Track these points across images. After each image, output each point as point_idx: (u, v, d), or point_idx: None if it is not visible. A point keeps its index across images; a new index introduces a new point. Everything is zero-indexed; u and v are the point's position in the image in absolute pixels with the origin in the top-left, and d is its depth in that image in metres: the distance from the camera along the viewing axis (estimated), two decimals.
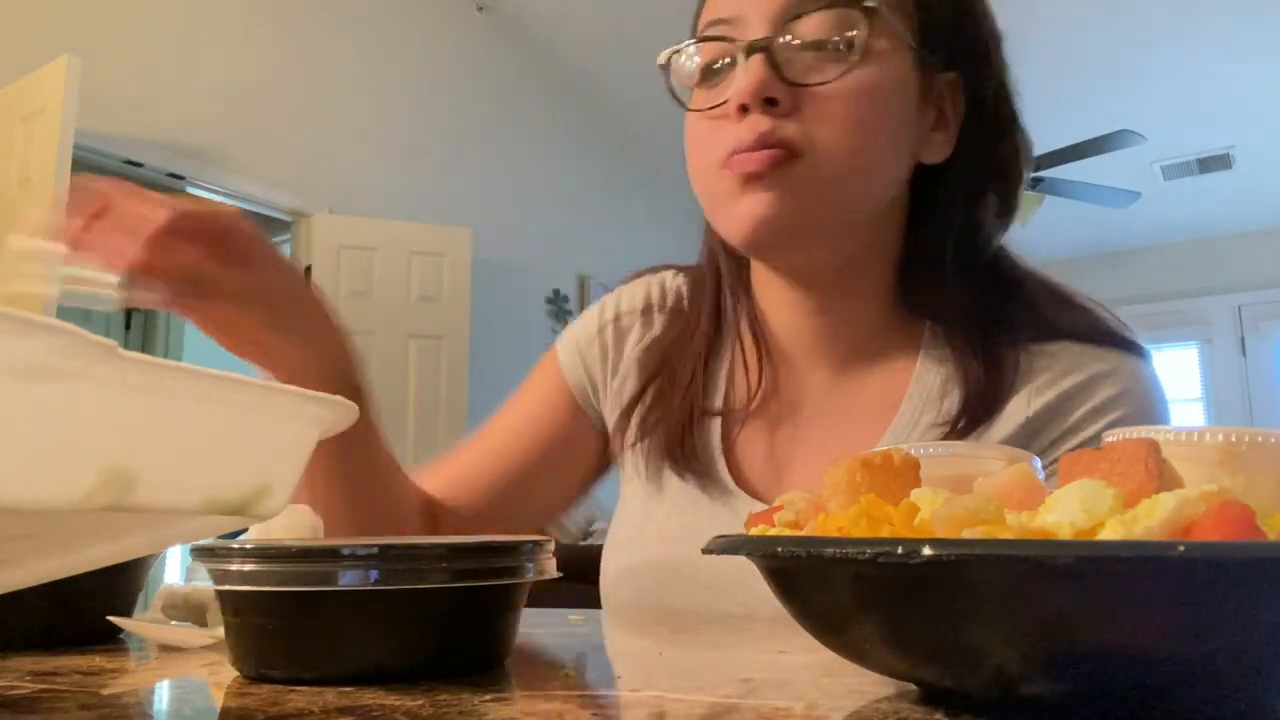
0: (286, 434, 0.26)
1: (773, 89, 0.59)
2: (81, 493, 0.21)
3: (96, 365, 0.20)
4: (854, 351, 0.69)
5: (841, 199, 0.61)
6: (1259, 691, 0.25)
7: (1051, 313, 0.66)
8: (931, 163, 0.65)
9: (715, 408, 0.72)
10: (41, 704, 0.33)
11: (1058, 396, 0.63)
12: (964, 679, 0.28)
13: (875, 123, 0.61)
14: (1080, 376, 0.63)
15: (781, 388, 0.71)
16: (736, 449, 0.71)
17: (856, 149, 0.60)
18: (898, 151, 0.63)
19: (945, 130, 0.66)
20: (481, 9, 4.65)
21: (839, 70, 0.59)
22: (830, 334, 0.69)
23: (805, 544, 0.28)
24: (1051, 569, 0.23)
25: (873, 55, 0.60)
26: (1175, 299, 6.23)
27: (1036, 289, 0.68)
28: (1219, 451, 0.28)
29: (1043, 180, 4.34)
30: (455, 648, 0.38)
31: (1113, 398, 0.63)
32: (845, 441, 0.67)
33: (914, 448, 0.35)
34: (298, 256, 3.90)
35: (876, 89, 0.60)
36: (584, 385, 0.77)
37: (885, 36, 0.61)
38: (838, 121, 0.60)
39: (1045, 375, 0.64)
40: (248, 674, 0.37)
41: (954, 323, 0.66)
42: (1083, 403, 0.63)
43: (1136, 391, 0.63)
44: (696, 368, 0.73)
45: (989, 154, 0.67)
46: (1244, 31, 4.20)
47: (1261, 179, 5.41)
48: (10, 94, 2.96)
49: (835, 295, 0.68)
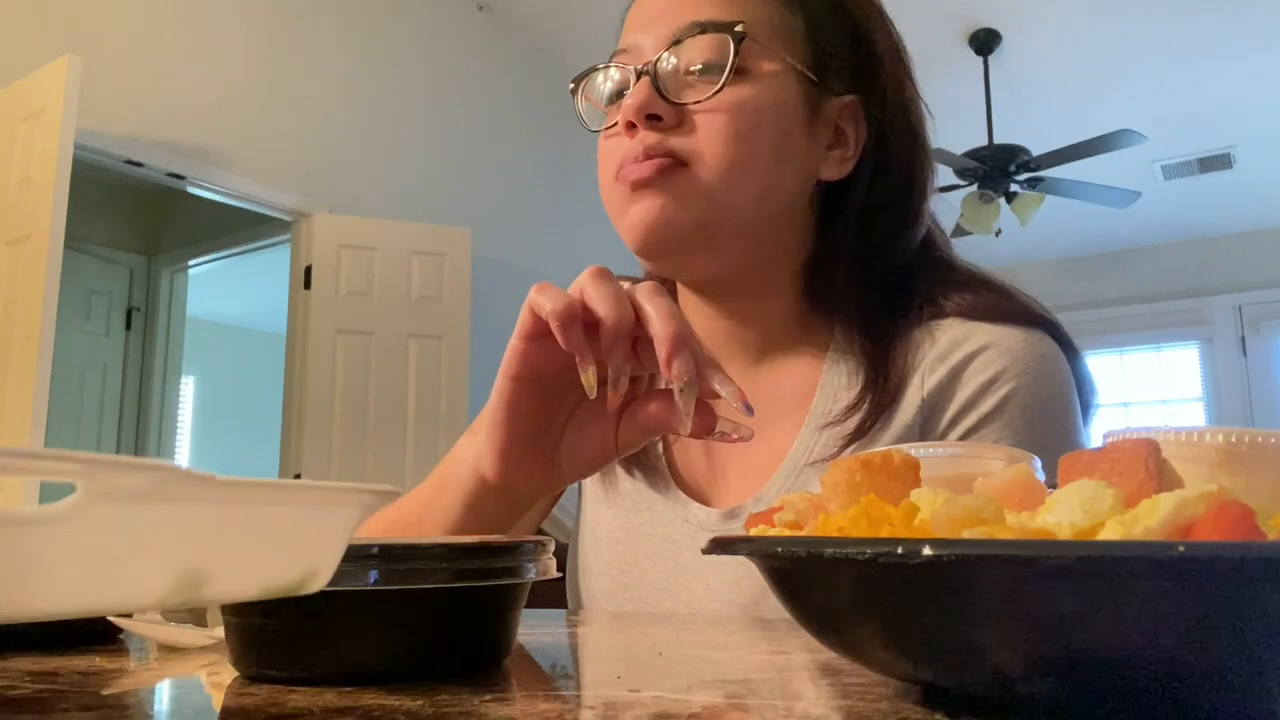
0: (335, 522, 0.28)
1: (655, 106, 0.64)
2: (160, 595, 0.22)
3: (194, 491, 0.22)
4: (765, 350, 0.72)
5: (725, 204, 0.65)
6: (1259, 692, 0.25)
7: (945, 297, 0.69)
8: (831, 179, 0.69)
9: None
10: (41, 704, 0.33)
11: (947, 373, 0.65)
12: (964, 679, 0.28)
13: (754, 136, 0.65)
14: (965, 351, 0.65)
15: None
16: (675, 449, 0.75)
17: (737, 158, 0.64)
18: (783, 166, 0.66)
19: (844, 149, 0.70)
20: (481, 9, 4.65)
21: (714, 88, 0.64)
22: (740, 336, 0.73)
23: (805, 544, 0.28)
24: (1051, 569, 0.23)
25: (750, 76, 0.65)
26: (1175, 299, 6.24)
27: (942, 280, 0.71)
28: (1219, 451, 0.28)
29: (1043, 180, 4.34)
30: (455, 648, 0.38)
31: (1001, 371, 0.64)
32: (765, 436, 0.69)
33: (914, 448, 0.35)
34: (298, 256, 3.91)
35: (752, 107, 0.65)
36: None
37: (767, 60, 0.66)
38: (717, 133, 0.64)
39: (933, 354, 0.66)
40: (248, 674, 0.37)
41: (856, 321, 0.69)
42: (971, 377, 0.65)
43: (1025, 363, 0.64)
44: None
45: (888, 172, 0.70)
46: (1244, 31, 4.20)
47: (1261, 179, 5.41)
48: (10, 94, 2.96)
49: (740, 301, 0.72)
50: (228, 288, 6.12)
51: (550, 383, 0.53)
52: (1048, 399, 0.64)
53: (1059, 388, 0.65)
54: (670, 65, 0.66)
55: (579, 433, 0.54)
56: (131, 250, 5.21)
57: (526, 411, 0.53)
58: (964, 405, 0.64)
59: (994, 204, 4.23)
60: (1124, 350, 6.41)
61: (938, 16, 4.24)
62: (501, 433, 0.54)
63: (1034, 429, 0.63)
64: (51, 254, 2.76)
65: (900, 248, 0.71)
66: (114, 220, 5.05)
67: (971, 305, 0.68)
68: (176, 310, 5.26)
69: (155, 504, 0.21)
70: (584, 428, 0.54)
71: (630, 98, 0.65)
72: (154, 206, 5.15)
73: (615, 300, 0.48)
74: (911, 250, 0.72)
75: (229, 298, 6.42)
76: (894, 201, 0.70)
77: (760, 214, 0.67)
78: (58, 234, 2.78)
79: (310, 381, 3.76)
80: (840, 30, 0.70)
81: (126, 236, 5.19)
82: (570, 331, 0.48)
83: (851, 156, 0.70)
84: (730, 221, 0.65)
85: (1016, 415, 0.63)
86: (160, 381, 5.11)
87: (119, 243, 5.14)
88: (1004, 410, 0.63)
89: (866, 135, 0.70)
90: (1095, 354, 6.37)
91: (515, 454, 0.54)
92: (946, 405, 0.65)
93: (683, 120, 0.65)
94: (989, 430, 0.63)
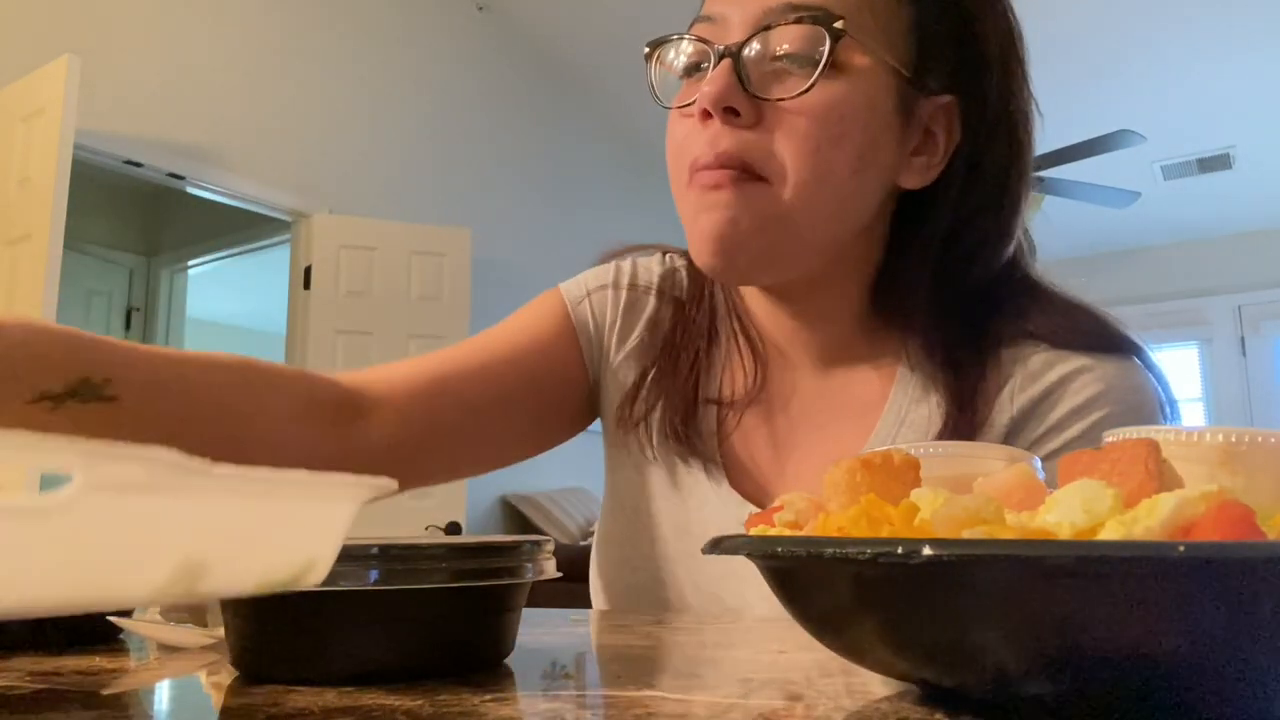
0: (332, 515, 0.28)
1: (734, 99, 0.58)
2: (157, 586, 0.22)
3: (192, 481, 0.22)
4: (833, 355, 0.69)
5: (797, 225, 0.60)
6: (1259, 692, 0.25)
7: (1034, 323, 0.65)
8: (912, 188, 0.63)
9: (713, 396, 0.71)
10: (41, 704, 0.33)
11: (1040, 393, 0.62)
12: (964, 679, 0.28)
13: (838, 145, 0.59)
14: (1060, 372, 0.62)
15: (773, 382, 0.70)
16: (733, 441, 0.70)
17: (817, 171, 0.59)
18: (865, 177, 0.61)
19: (931, 155, 0.63)
20: (481, 9, 4.65)
21: (802, 86, 0.58)
22: (806, 337, 0.69)
23: (805, 544, 0.28)
24: (1051, 569, 0.23)
25: (843, 73, 0.59)
26: (1175, 299, 6.23)
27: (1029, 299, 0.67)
28: (1219, 451, 0.28)
29: (1043, 180, 4.34)
30: (455, 648, 0.38)
31: (1096, 396, 0.61)
32: (834, 439, 0.67)
33: (914, 448, 0.35)
34: (297, 256, 3.90)
35: (839, 110, 0.59)
36: (589, 333, 0.74)
37: (863, 54, 0.60)
38: (798, 140, 0.58)
39: (1023, 375, 0.63)
40: (248, 674, 0.37)
41: (934, 341, 0.65)
42: (1065, 400, 0.62)
43: (1120, 391, 0.62)
44: (700, 353, 0.72)
45: (979, 182, 0.64)
46: (1244, 31, 4.20)
47: (1261, 179, 5.41)
48: (10, 94, 2.96)
49: (807, 304, 0.67)
50: (228, 288, 6.12)
51: None
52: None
53: (1148, 419, 0.63)
54: (756, 51, 0.59)
55: None
56: (131, 250, 5.21)
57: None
58: (1053, 426, 0.62)
59: None
60: None
61: None
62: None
63: None
64: (51, 254, 2.76)
65: (984, 266, 0.65)
66: (114, 220, 5.05)
67: (1065, 332, 0.64)
68: (176, 310, 5.25)
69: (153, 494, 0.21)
70: None
71: (709, 84, 0.59)
72: (154, 206, 5.15)
73: None
74: (996, 269, 0.66)
75: (229, 298, 6.42)
76: (982, 215, 0.64)
77: (833, 229, 0.62)
78: (57, 234, 2.78)
79: None
80: (951, 22, 0.62)
81: (126, 236, 5.19)
82: None
83: (938, 164, 0.63)
84: (800, 238, 0.61)
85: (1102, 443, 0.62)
86: None
87: (119, 243, 5.13)
88: (1090, 437, 0.60)
89: (960, 140, 0.63)
90: None
91: None
92: (1035, 426, 0.62)
93: (762, 116, 0.59)
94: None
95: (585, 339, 0.75)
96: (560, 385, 0.74)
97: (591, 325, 0.75)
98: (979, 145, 0.63)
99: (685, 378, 0.71)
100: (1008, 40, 0.65)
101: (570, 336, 0.74)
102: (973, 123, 0.63)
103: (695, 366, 0.71)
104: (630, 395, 0.72)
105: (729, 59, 0.59)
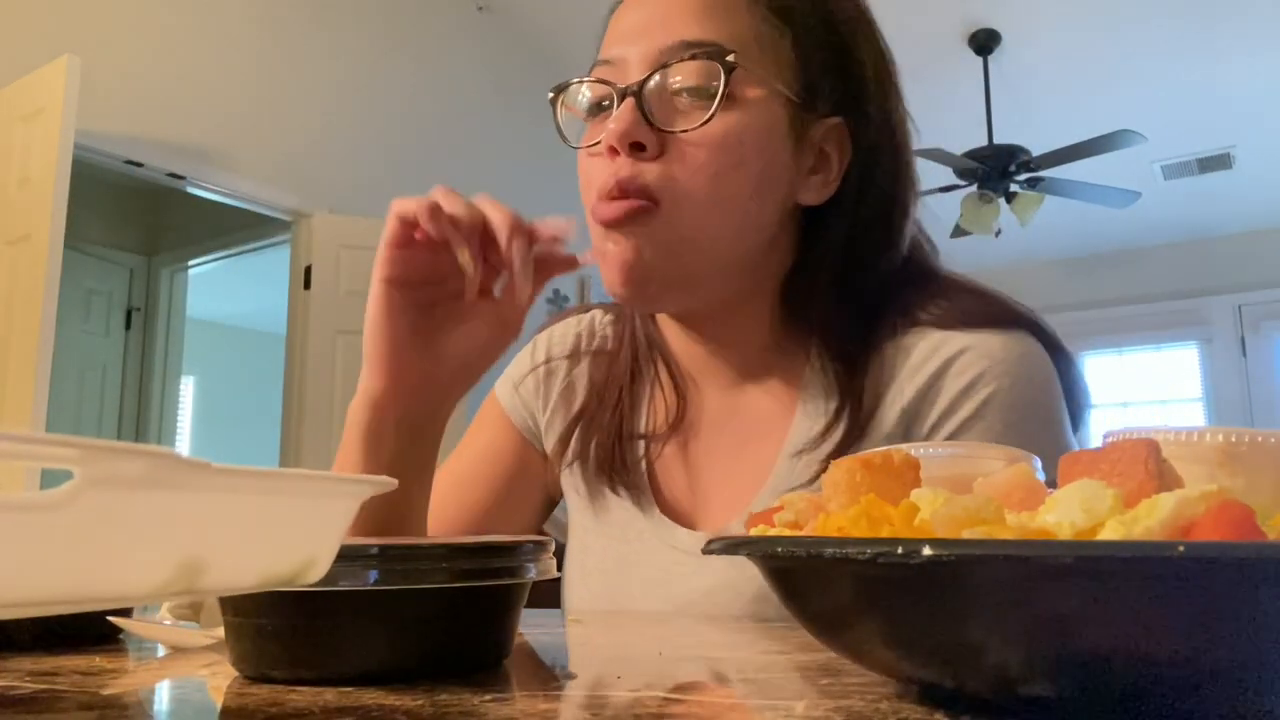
0: (332, 511, 0.28)
1: (639, 134, 0.62)
2: (158, 584, 0.23)
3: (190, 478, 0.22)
4: (744, 373, 0.72)
5: (701, 245, 0.63)
6: (1259, 692, 0.25)
7: (920, 308, 0.68)
8: (810, 204, 0.67)
9: (639, 431, 0.75)
10: (41, 704, 0.33)
11: (926, 380, 0.65)
12: (964, 679, 0.28)
13: (738, 170, 0.63)
14: (943, 356, 0.65)
15: (690, 409, 0.74)
16: (658, 470, 0.74)
17: (716, 199, 0.63)
18: (764, 198, 0.65)
19: (826, 172, 0.67)
20: (481, 9, 4.65)
21: (702, 118, 0.62)
22: (719, 358, 0.72)
23: (805, 544, 0.28)
24: (1051, 569, 0.23)
25: (738, 103, 0.63)
26: (1175, 299, 6.23)
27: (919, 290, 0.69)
28: (1219, 451, 0.28)
29: (1043, 180, 4.34)
30: (455, 648, 0.38)
31: (981, 374, 0.63)
32: (746, 457, 0.70)
33: (914, 448, 0.35)
34: (298, 256, 3.90)
35: (738, 138, 0.63)
36: (526, 421, 0.80)
37: (755, 85, 0.64)
38: (699, 169, 0.62)
39: (910, 363, 0.66)
40: (248, 674, 0.37)
41: (834, 336, 0.68)
42: (951, 382, 0.64)
43: (1004, 364, 0.63)
44: (623, 390, 0.76)
45: (871, 194, 0.68)
46: (1244, 31, 4.20)
47: (1261, 179, 5.41)
48: (10, 94, 2.96)
49: (720, 327, 0.71)
50: (228, 288, 6.12)
51: (418, 292, 0.59)
52: (1029, 400, 0.64)
53: (1041, 388, 0.64)
54: (656, 88, 0.63)
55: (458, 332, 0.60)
56: (131, 250, 5.21)
57: (401, 311, 0.59)
58: (945, 410, 0.64)
59: (994, 204, 4.23)
60: (1124, 350, 6.40)
61: (938, 16, 4.24)
62: (381, 337, 0.59)
63: (1016, 430, 0.62)
64: (51, 254, 2.76)
65: (880, 267, 0.69)
66: (114, 220, 5.05)
67: (947, 313, 0.66)
68: (176, 310, 5.25)
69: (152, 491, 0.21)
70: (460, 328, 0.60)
71: (615, 122, 0.63)
72: (154, 206, 5.15)
73: (465, 204, 0.57)
74: (893, 268, 0.70)
75: (229, 298, 6.42)
76: (876, 223, 0.68)
77: (738, 249, 0.65)
78: (57, 234, 2.78)
79: (310, 381, 3.76)
80: (828, 49, 0.67)
81: (126, 236, 5.19)
82: (437, 221, 0.55)
83: (834, 180, 0.67)
84: (707, 261, 0.64)
85: (998, 418, 0.63)
86: (160, 382, 5.11)
87: (119, 243, 5.13)
88: (984, 414, 0.63)
89: (851, 157, 0.67)
90: (1095, 354, 6.36)
91: (400, 355, 0.59)
92: (928, 412, 0.64)
93: (666, 148, 0.63)
94: (971, 434, 0.63)
95: (529, 432, 0.80)
96: (534, 480, 0.80)
97: (529, 415, 0.80)
98: (868, 160, 0.68)
99: (611, 416, 0.76)
100: (881, 63, 0.70)
101: (520, 439, 0.80)
102: (860, 140, 0.68)
103: (619, 405, 0.76)
104: (562, 440, 0.78)
105: (632, 97, 0.63)
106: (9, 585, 0.20)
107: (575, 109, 0.70)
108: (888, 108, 0.69)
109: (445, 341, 0.60)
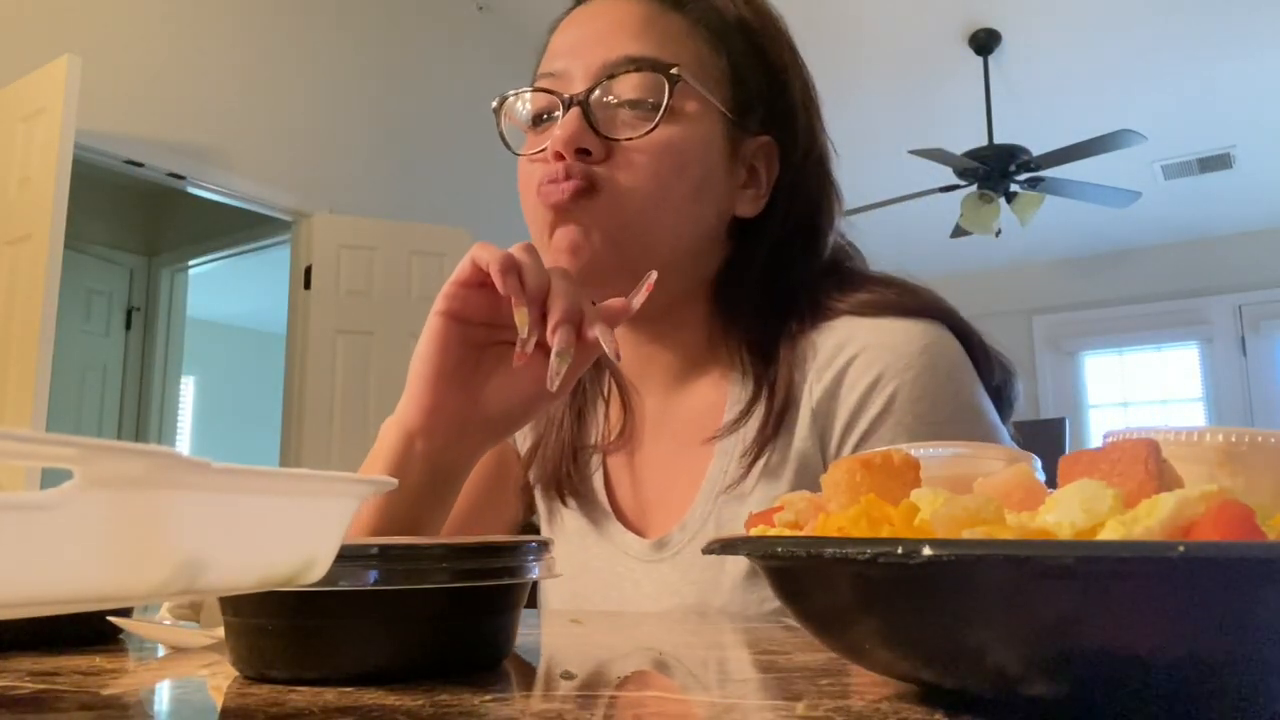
0: (332, 511, 0.28)
1: (585, 140, 0.65)
2: (157, 583, 0.23)
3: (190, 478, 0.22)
4: (682, 374, 0.75)
5: (641, 234, 0.66)
6: (1259, 692, 0.25)
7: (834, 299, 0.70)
8: (745, 216, 0.71)
9: (590, 443, 0.78)
10: (41, 704, 0.33)
11: (831, 381, 0.66)
12: (964, 679, 0.28)
13: (674, 175, 0.66)
14: (845, 355, 0.66)
15: (634, 418, 0.77)
16: (613, 482, 0.77)
17: (656, 195, 0.66)
18: (703, 202, 0.68)
19: (757, 187, 0.72)
20: (481, 9, 4.65)
21: (645, 127, 0.65)
22: (659, 360, 0.75)
23: (805, 544, 0.28)
24: (1051, 569, 0.23)
25: (679, 116, 0.67)
26: (1175, 299, 6.23)
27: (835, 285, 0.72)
28: (1219, 451, 0.28)
29: (1043, 180, 4.34)
30: (455, 648, 0.38)
31: (882, 372, 0.65)
32: (681, 458, 0.72)
33: (914, 448, 0.35)
34: (298, 256, 3.90)
35: (678, 147, 0.66)
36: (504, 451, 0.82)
37: (694, 100, 0.67)
38: (639, 170, 0.66)
39: (817, 363, 0.67)
40: (248, 674, 0.37)
41: (753, 337, 0.71)
42: (854, 383, 0.65)
43: (905, 358, 0.64)
44: (567, 408, 0.79)
45: (795, 210, 0.72)
46: (1244, 31, 4.20)
47: (1261, 179, 5.41)
48: (10, 94, 2.96)
49: (658, 326, 0.74)
50: (228, 288, 6.12)
51: (473, 331, 0.60)
52: (936, 390, 0.64)
53: (947, 375, 0.65)
54: (601, 98, 0.66)
55: (501, 381, 0.60)
56: (131, 250, 5.21)
57: (453, 345, 0.59)
58: (853, 411, 0.65)
59: (994, 204, 4.23)
60: (1124, 350, 6.40)
61: (938, 16, 4.24)
62: (428, 366, 0.59)
63: (927, 421, 0.63)
64: (51, 254, 2.76)
65: (802, 270, 0.73)
66: (114, 220, 5.04)
67: (860, 302, 0.69)
68: (176, 310, 5.25)
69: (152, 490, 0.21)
70: (504, 378, 0.60)
71: (561, 129, 0.65)
72: (154, 206, 5.15)
73: (538, 269, 0.57)
74: (814, 270, 0.73)
75: (229, 298, 6.42)
76: (800, 232, 0.73)
77: (677, 245, 0.68)
78: (57, 234, 2.78)
79: (310, 382, 3.76)
80: (759, 72, 0.71)
81: (126, 236, 5.19)
82: (508, 278, 0.55)
83: (765, 194, 0.72)
84: (648, 252, 0.67)
85: (906, 411, 0.64)
86: (160, 382, 5.11)
87: (119, 243, 5.13)
88: (891, 410, 0.64)
89: (779, 173, 0.72)
90: (1095, 354, 6.37)
91: (442, 386, 0.59)
92: (837, 413, 0.66)
93: (610, 154, 0.66)
94: (883, 431, 0.64)
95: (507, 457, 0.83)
96: (512, 485, 0.83)
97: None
98: (795, 177, 0.72)
99: (566, 431, 0.79)
100: (806, 88, 0.75)
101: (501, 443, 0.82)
102: (788, 158, 0.72)
103: (564, 418, 0.79)
104: (526, 462, 0.81)
105: (578, 106, 0.66)
106: (9, 585, 0.20)
107: (517, 120, 0.73)
108: (813, 130, 0.74)
109: (488, 386, 0.60)
